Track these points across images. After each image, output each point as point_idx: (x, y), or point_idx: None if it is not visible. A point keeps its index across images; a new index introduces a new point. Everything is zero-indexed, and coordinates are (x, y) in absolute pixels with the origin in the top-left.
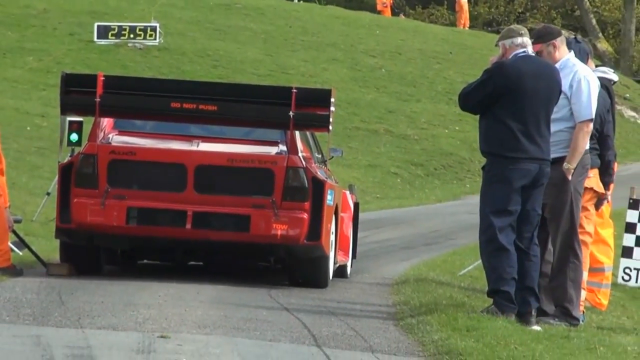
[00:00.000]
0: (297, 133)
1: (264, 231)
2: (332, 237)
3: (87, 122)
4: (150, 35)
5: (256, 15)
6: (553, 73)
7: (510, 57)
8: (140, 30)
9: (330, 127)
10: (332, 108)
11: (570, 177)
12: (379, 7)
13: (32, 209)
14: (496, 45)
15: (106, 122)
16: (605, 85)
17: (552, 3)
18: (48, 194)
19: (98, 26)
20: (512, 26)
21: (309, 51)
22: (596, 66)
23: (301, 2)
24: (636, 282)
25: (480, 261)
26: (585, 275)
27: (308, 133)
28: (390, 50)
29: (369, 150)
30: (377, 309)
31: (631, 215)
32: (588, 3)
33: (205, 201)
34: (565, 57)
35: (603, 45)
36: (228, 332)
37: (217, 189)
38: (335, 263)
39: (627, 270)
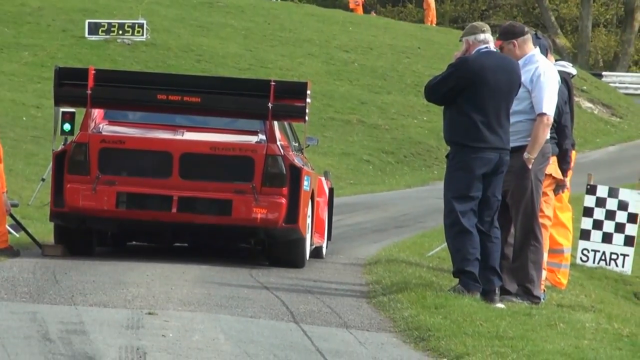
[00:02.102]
0: (275, 123)
1: (244, 215)
2: (309, 221)
3: (79, 112)
4: (138, 32)
5: (237, 13)
6: (513, 67)
7: (473, 52)
8: (128, 26)
9: (307, 118)
10: (308, 100)
11: (530, 166)
12: (351, 6)
13: (28, 194)
14: (460, 40)
15: (97, 112)
16: (564, 78)
17: (513, 1)
18: (43, 179)
19: (89, 23)
20: (474, 23)
21: (286, 46)
22: (556, 60)
23: (279, 0)
24: (593, 262)
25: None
26: (545, 256)
27: (286, 123)
28: (362, 46)
29: (343, 139)
30: (351, 288)
31: (588, 200)
32: (547, 1)
33: (190, 187)
34: (529, 53)
35: (561, 40)
36: (211, 309)
37: (201, 176)
38: (311, 244)
39: (585, 252)
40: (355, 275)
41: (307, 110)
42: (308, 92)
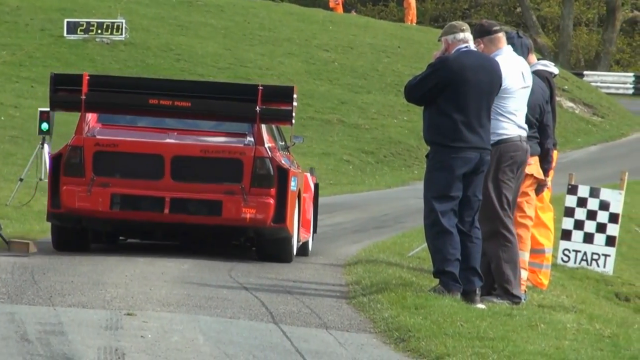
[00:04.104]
0: (263, 126)
1: (234, 215)
2: (296, 219)
3: (74, 117)
4: (117, 31)
5: (216, 12)
6: (494, 66)
7: (452, 52)
8: (107, 26)
9: (293, 121)
10: (295, 103)
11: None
12: (331, 4)
13: (6, 194)
14: (439, 40)
15: (91, 117)
16: (546, 77)
17: (495, 0)
18: (21, 179)
19: (67, 22)
20: (453, 22)
21: (266, 45)
22: (538, 59)
23: None
24: (575, 263)
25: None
26: (527, 256)
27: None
28: (342, 45)
29: (323, 139)
30: (331, 288)
31: (570, 200)
32: (529, 0)
33: (181, 188)
34: (494, 53)
35: (543, 40)
36: (191, 310)
37: (192, 177)
38: (298, 241)
39: (566, 252)
40: (335, 275)
41: (293, 114)
42: (294, 96)
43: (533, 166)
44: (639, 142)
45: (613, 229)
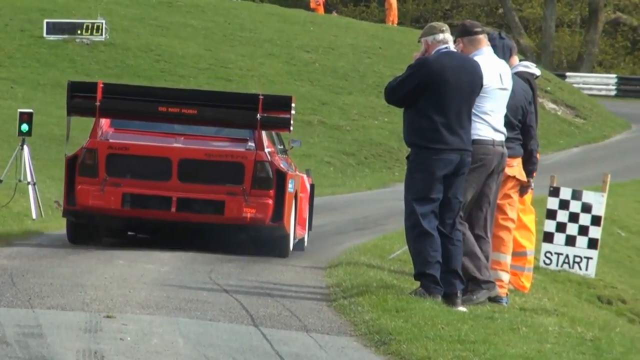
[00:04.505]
0: (263, 132)
1: (236, 214)
2: (293, 218)
3: (89, 122)
4: (97, 32)
5: (197, 12)
6: (474, 67)
7: (432, 53)
8: (87, 26)
9: (291, 128)
10: (293, 112)
11: None
12: (312, 5)
13: None
14: (419, 41)
15: (104, 122)
16: (527, 79)
17: (477, 1)
18: (0, 181)
19: (47, 23)
20: (433, 23)
21: (246, 46)
22: (520, 61)
23: (239, 0)
24: (557, 265)
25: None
26: (509, 259)
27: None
28: (323, 46)
29: (304, 141)
30: (312, 291)
31: (552, 202)
32: (511, 1)
33: (187, 189)
34: (472, 53)
35: (525, 41)
36: (170, 313)
37: (197, 179)
38: (295, 238)
39: (548, 255)
40: (316, 278)
41: (291, 122)
42: (292, 105)
43: (515, 168)
44: (621, 144)
45: (595, 232)
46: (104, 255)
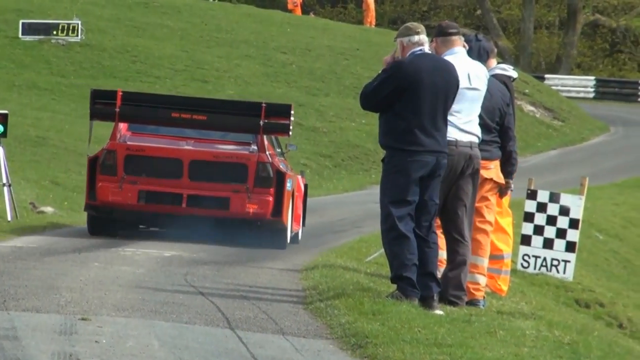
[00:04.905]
0: (265, 136)
1: (240, 209)
2: (290, 214)
3: (108, 126)
4: (73, 32)
5: (173, 13)
6: (449, 69)
7: (407, 55)
8: (63, 27)
9: (290, 133)
10: (292, 118)
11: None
12: (289, 6)
13: None
14: (395, 40)
15: (122, 126)
16: (504, 81)
17: (455, 2)
18: None
19: (23, 23)
20: (408, 24)
21: (223, 48)
22: (497, 63)
23: (216, 0)
24: (534, 268)
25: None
26: (486, 262)
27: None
28: (300, 47)
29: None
30: (288, 294)
31: (529, 205)
32: (489, 2)
33: (196, 186)
34: (444, 53)
35: (503, 42)
36: (146, 315)
37: (205, 178)
38: (291, 232)
39: (526, 257)
40: (292, 281)
41: (290, 127)
42: (292, 112)
43: (492, 170)
44: (599, 146)
45: (573, 235)
46: (79, 258)
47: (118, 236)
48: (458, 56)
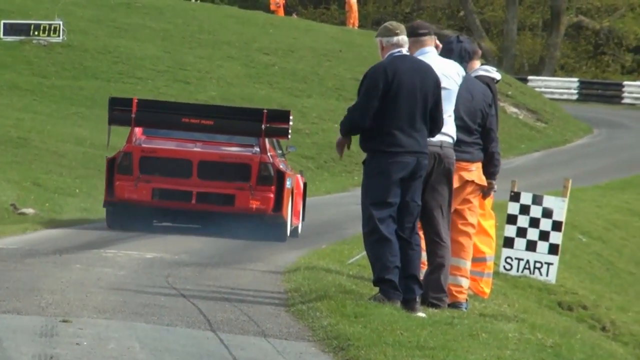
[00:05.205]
0: (266, 139)
1: (243, 205)
2: (290, 209)
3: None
4: (54, 33)
5: (155, 14)
6: (428, 70)
7: (386, 56)
8: (44, 27)
9: (289, 136)
10: (291, 123)
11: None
12: (272, 7)
13: None
14: (375, 38)
15: (138, 130)
16: (487, 83)
17: (438, 4)
18: None
19: (4, 24)
20: (388, 24)
21: (205, 49)
22: (481, 64)
23: (198, 1)
24: (517, 271)
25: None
26: (468, 264)
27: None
28: (283, 48)
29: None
30: (270, 296)
31: (512, 207)
32: (472, 4)
33: (205, 185)
34: (416, 53)
35: (487, 44)
36: (127, 317)
37: (213, 177)
38: (291, 226)
39: (509, 260)
40: (274, 282)
41: (289, 131)
42: (291, 117)
43: (474, 172)
44: (582, 148)
45: (556, 237)
46: (60, 259)
47: (134, 230)
48: (428, 56)
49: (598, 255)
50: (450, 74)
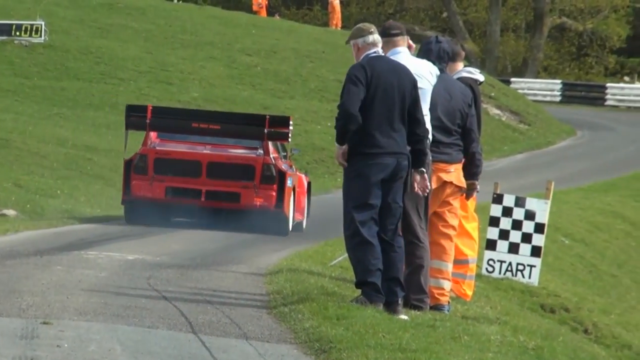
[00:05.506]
0: (269, 142)
1: (248, 202)
2: (291, 206)
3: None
4: (36, 33)
5: (137, 15)
6: (404, 70)
7: (361, 57)
8: (26, 28)
9: (289, 140)
10: (291, 127)
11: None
12: (254, 8)
13: None
14: (347, 43)
15: (152, 134)
16: (470, 85)
17: (420, 5)
18: None
19: None
20: (361, 25)
21: (187, 49)
22: (465, 66)
23: (180, 2)
24: (499, 273)
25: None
26: (450, 266)
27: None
28: (265, 49)
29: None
30: (252, 298)
31: (495, 210)
32: (455, 5)
33: (213, 184)
34: (388, 53)
35: (470, 46)
36: (108, 319)
37: (220, 176)
38: (293, 221)
39: (491, 262)
40: (256, 285)
41: (290, 135)
42: (291, 122)
43: (452, 174)
44: (565, 150)
45: (539, 239)
46: (41, 261)
47: (150, 224)
48: (400, 56)
49: (580, 257)
50: (422, 74)
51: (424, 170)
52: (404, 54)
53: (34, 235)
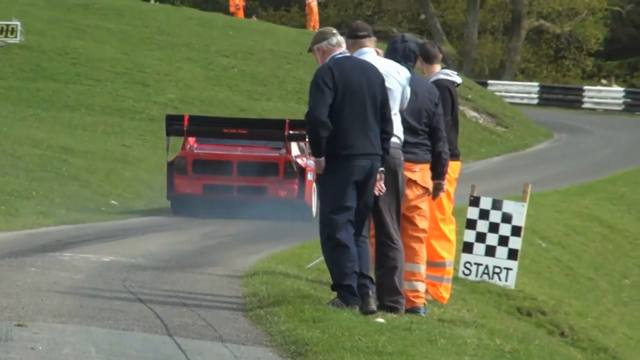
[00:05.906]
0: (291, 143)
1: (274, 195)
2: (313, 197)
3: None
4: (12, 34)
5: (114, 15)
6: (373, 68)
7: (328, 59)
8: (1, 28)
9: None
10: None
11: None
12: (232, 9)
13: None
14: (309, 51)
15: (191, 139)
16: (447, 87)
17: (398, 6)
18: None
19: None
20: (322, 29)
21: (164, 50)
22: (442, 68)
23: (157, 3)
24: (476, 276)
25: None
26: (423, 268)
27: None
28: (242, 51)
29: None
30: (227, 300)
31: (472, 212)
32: (433, 7)
33: (243, 180)
34: (354, 53)
35: (447, 48)
36: (83, 321)
37: (249, 173)
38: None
39: (468, 265)
40: (232, 287)
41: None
42: None
43: (417, 173)
44: (543, 153)
45: (515, 242)
46: (15, 262)
47: (197, 215)
48: (367, 56)
49: (557, 260)
50: (390, 73)
51: (383, 169)
52: (370, 55)
53: (8, 236)
